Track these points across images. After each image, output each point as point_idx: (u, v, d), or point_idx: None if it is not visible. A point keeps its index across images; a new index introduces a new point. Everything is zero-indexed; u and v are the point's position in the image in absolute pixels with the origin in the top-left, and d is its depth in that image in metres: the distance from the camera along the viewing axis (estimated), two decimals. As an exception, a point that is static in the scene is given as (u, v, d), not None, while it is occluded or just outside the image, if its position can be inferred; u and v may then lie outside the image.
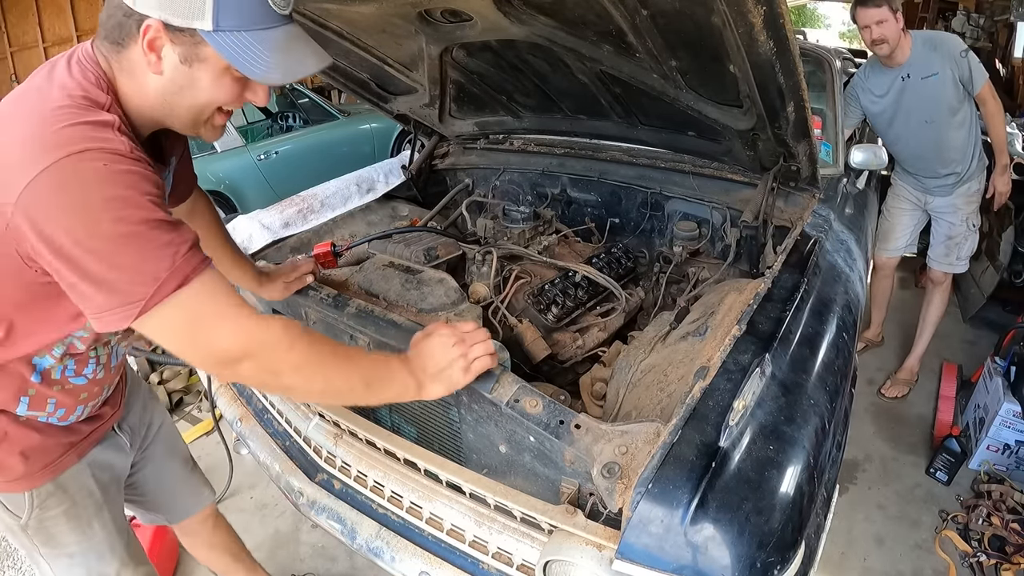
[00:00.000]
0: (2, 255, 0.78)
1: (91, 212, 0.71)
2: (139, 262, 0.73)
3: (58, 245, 0.71)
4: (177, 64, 0.79)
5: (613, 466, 0.92)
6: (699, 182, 1.93)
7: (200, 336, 0.79)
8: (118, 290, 0.73)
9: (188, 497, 1.41)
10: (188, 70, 0.80)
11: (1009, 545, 1.96)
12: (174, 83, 0.81)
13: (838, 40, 19.18)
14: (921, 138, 2.41)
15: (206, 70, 0.80)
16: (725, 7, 1.10)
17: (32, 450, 0.96)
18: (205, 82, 0.81)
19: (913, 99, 2.34)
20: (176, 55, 0.78)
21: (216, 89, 0.82)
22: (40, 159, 0.70)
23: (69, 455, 1.02)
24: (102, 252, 0.72)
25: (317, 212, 2.18)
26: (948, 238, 2.60)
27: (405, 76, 2.04)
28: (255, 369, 0.83)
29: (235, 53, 0.78)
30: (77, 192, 0.71)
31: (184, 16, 0.75)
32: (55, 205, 0.71)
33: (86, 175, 0.72)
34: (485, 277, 1.64)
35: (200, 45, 0.78)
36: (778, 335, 1.17)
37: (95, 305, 0.74)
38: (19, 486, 0.98)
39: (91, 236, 0.71)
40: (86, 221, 0.71)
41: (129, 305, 0.73)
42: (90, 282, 0.73)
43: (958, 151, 2.41)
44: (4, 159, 0.73)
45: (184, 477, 1.40)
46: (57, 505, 1.02)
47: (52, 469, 1.00)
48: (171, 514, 1.41)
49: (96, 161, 0.72)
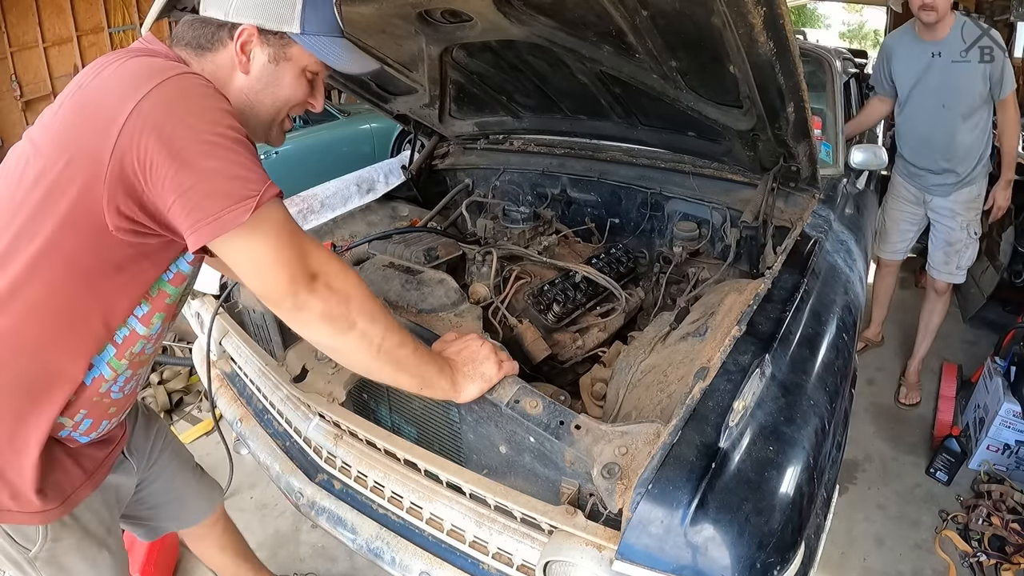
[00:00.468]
0: (82, 228, 0.81)
1: (207, 112, 0.79)
2: (251, 163, 0.80)
3: (179, 146, 0.76)
4: (265, 63, 0.92)
5: (613, 467, 0.92)
6: (699, 182, 1.93)
7: (289, 246, 0.82)
8: (232, 189, 0.77)
9: (200, 502, 1.40)
10: (275, 68, 0.93)
11: (1009, 545, 1.96)
12: (260, 80, 0.93)
13: (838, 40, 19.21)
14: (933, 122, 2.36)
15: (289, 68, 0.94)
16: (725, 8, 1.10)
17: (50, 485, 0.93)
18: (287, 79, 0.94)
19: (937, 79, 2.28)
20: (265, 55, 0.92)
21: (295, 87, 0.96)
22: (147, 83, 0.78)
23: (85, 487, 0.99)
24: (221, 148, 0.77)
25: (317, 212, 2.18)
26: (947, 244, 2.55)
27: (405, 76, 2.04)
28: (328, 299, 0.84)
29: (318, 48, 0.93)
30: (192, 98, 0.79)
31: (276, 22, 0.89)
32: (174, 106, 0.77)
33: (195, 88, 0.80)
34: (485, 277, 1.64)
35: (288, 46, 0.92)
36: (778, 336, 1.17)
37: (207, 208, 0.76)
38: (35, 519, 0.93)
39: (211, 132, 0.77)
40: (204, 119, 0.78)
41: (246, 200, 0.77)
42: (207, 180, 0.76)
43: (964, 148, 2.37)
44: (104, 102, 0.79)
45: (194, 483, 1.38)
46: (69, 536, 0.98)
47: (70, 503, 0.96)
48: (181, 521, 1.39)
49: (199, 80, 0.82)
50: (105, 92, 0.80)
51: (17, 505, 0.90)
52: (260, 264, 0.82)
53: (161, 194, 0.78)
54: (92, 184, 0.79)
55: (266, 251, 0.81)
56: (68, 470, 0.96)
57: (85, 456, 0.99)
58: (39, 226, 0.81)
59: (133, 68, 0.82)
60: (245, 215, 0.77)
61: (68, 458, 0.96)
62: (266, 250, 0.81)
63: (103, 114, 0.78)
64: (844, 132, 2.20)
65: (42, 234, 0.81)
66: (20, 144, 0.89)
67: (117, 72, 0.82)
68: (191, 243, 0.79)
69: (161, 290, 0.95)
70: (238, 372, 1.72)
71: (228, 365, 1.79)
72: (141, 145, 0.76)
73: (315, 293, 0.84)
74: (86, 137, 0.79)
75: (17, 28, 6.59)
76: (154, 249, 0.89)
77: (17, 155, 0.87)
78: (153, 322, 0.96)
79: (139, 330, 0.94)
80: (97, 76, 0.83)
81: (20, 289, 0.83)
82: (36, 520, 0.93)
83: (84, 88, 0.83)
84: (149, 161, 0.76)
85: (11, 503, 0.89)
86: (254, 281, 0.84)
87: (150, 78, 0.78)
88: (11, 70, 6.55)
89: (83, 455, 0.99)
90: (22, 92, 6.63)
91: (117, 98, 0.78)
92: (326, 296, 0.85)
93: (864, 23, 21.77)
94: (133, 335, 0.94)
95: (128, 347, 0.94)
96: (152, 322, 0.95)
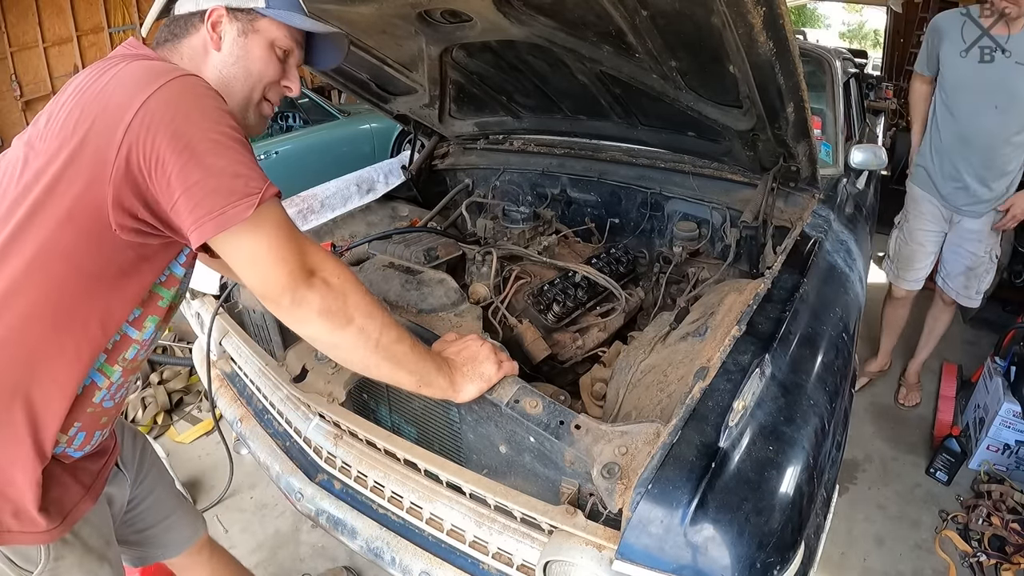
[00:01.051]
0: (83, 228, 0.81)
1: (211, 112, 0.81)
2: (252, 162, 0.82)
3: (185, 141, 0.77)
4: (235, 38, 0.96)
5: (613, 466, 0.92)
6: (699, 182, 1.93)
7: (288, 243, 0.84)
8: (235, 186, 0.79)
9: (185, 528, 1.35)
10: (244, 41, 0.96)
11: (1009, 545, 1.96)
12: (231, 55, 0.96)
13: (838, 40, 19.22)
14: (978, 122, 2.10)
15: (258, 41, 0.97)
16: (725, 8, 1.10)
17: (51, 502, 0.90)
18: (257, 52, 0.97)
19: (996, 76, 2.04)
20: (234, 30, 0.95)
21: (266, 62, 0.98)
22: (153, 83, 0.80)
23: (85, 501, 0.97)
24: (224, 146, 0.79)
25: (317, 212, 2.18)
26: (969, 269, 2.34)
27: (405, 76, 2.04)
28: (325, 295, 0.86)
29: (283, 16, 0.97)
30: (196, 98, 0.81)
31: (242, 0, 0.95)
32: (180, 105, 0.79)
33: (199, 88, 0.83)
34: (485, 277, 1.64)
35: (255, 20, 0.96)
36: (778, 335, 1.17)
37: (211, 204, 0.77)
38: (40, 539, 0.90)
39: (215, 130, 0.80)
40: (209, 117, 0.80)
41: (248, 197, 0.79)
42: (212, 176, 0.78)
43: (1004, 162, 2.13)
44: (109, 102, 0.80)
45: (178, 506, 1.34)
46: (71, 554, 0.96)
47: (71, 520, 0.94)
48: (169, 548, 1.34)
49: (201, 81, 0.85)
50: (109, 93, 0.81)
51: (20, 525, 0.87)
52: (260, 261, 0.82)
53: (166, 190, 0.78)
54: (97, 183, 0.79)
55: (267, 248, 0.82)
56: (67, 486, 0.94)
57: (81, 470, 0.98)
58: (37, 227, 0.81)
59: (136, 70, 0.83)
60: (248, 211, 0.78)
61: (65, 474, 0.94)
62: (266, 247, 0.82)
63: (108, 114, 0.79)
64: (914, 139, 2.07)
65: (41, 235, 0.81)
66: (11, 151, 0.88)
67: (120, 74, 0.83)
68: (194, 239, 0.79)
69: (154, 293, 0.95)
70: (238, 372, 1.72)
71: (228, 365, 1.79)
72: (148, 142, 0.77)
73: (313, 289, 0.85)
74: (90, 137, 0.79)
75: (17, 28, 6.59)
76: (154, 251, 0.89)
77: (8, 161, 0.86)
78: (146, 326, 0.95)
79: (132, 334, 0.94)
80: (98, 79, 0.83)
81: (16, 294, 0.81)
82: (41, 540, 0.90)
83: (85, 90, 0.83)
84: (155, 157, 0.77)
85: (13, 522, 0.87)
86: (253, 278, 0.84)
87: (155, 79, 0.80)
88: (11, 70, 6.55)
89: (79, 469, 0.97)
90: (22, 92, 6.63)
91: (123, 98, 0.79)
92: (324, 292, 0.86)
93: (864, 23, 21.78)
94: (125, 340, 0.93)
95: (120, 352, 0.93)
96: (145, 326, 0.95)
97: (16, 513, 0.87)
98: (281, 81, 1.02)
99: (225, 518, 2.16)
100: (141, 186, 0.80)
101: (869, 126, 3.01)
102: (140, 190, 0.80)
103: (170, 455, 2.44)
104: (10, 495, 0.86)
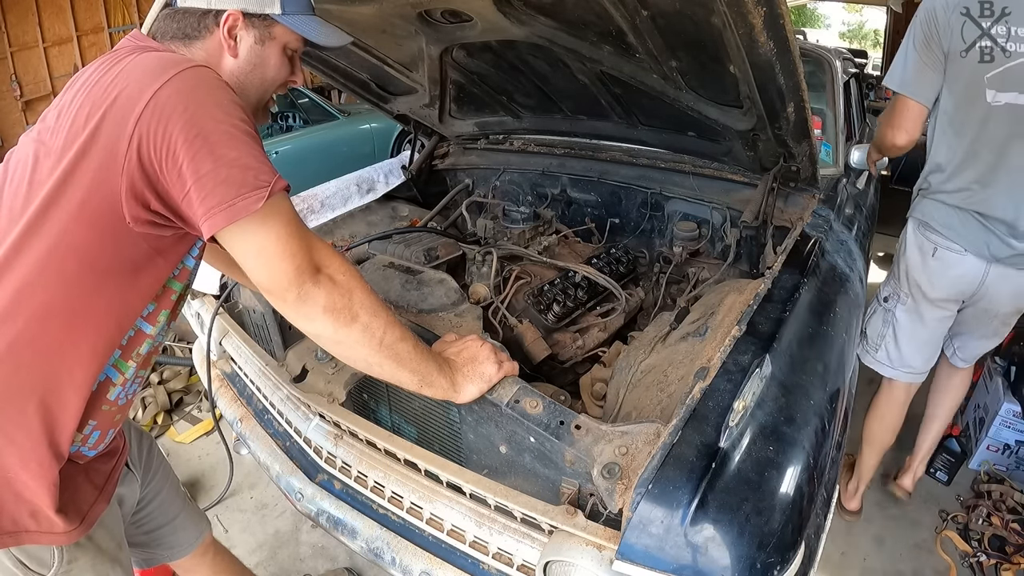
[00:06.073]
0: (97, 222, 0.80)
1: (224, 103, 0.81)
2: (262, 154, 0.82)
3: (197, 130, 0.77)
4: (252, 45, 0.96)
5: (613, 467, 0.92)
6: (699, 182, 1.93)
7: (296, 238, 0.84)
8: (246, 177, 0.79)
9: (192, 528, 1.36)
10: (261, 49, 0.97)
11: (1009, 545, 1.96)
12: (248, 62, 0.97)
13: (838, 40, 19.22)
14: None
15: (274, 48, 0.98)
16: (725, 8, 1.10)
17: (67, 503, 0.90)
18: (273, 59, 0.99)
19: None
20: (251, 37, 0.96)
21: (280, 66, 1.01)
22: (164, 74, 0.79)
23: (99, 502, 0.97)
24: (235, 138, 0.79)
25: (317, 212, 2.18)
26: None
27: (405, 76, 2.04)
28: (331, 291, 0.86)
29: (299, 25, 0.99)
30: (209, 89, 0.81)
31: (259, 5, 0.94)
32: (192, 96, 0.79)
33: (211, 79, 0.83)
34: (485, 277, 1.64)
35: (271, 27, 0.97)
36: (778, 335, 1.17)
37: (222, 195, 0.77)
38: (59, 539, 0.89)
39: (227, 121, 0.79)
40: (221, 108, 0.80)
41: (258, 189, 0.79)
42: (223, 167, 0.78)
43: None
44: (121, 94, 0.79)
45: (184, 507, 1.35)
46: (84, 555, 0.95)
47: (88, 521, 0.94)
48: (176, 549, 1.34)
49: (212, 73, 0.84)
50: (119, 85, 0.80)
51: (38, 525, 0.86)
52: (267, 254, 0.82)
53: (177, 180, 0.78)
54: (109, 175, 0.79)
55: (275, 242, 0.82)
56: (81, 486, 0.94)
57: (94, 471, 0.98)
58: (51, 223, 0.80)
59: (146, 61, 0.83)
60: (258, 203, 0.78)
61: (79, 474, 0.93)
62: (274, 241, 0.82)
63: (119, 105, 0.78)
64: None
65: (54, 231, 0.80)
66: (20, 148, 0.88)
67: (130, 66, 0.82)
68: (205, 230, 0.79)
69: (168, 287, 0.95)
70: (238, 372, 1.72)
71: (228, 365, 1.79)
72: (160, 132, 0.76)
73: (319, 285, 0.85)
74: (101, 130, 0.79)
75: (17, 28, 6.59)
76: (168, 244, 0.88)
77: (18, 158, 0.86)
78: (159, 320, 0.95)
79: (146, 329, 0.93)
80: (107, 72, 0.83)
81: (30, 293, 0.80)
82: (61, 541, 0.89)
83: (95, 84, 0.82)
84: (167, 147, 0.77)
85: (32, 523, 0.86)
86: (260, 272, 0.83)
87: (166, 70, 0.80)
88: (11, 70, 6.55)
89: (92, 469, 0.97)
90: (22, 92, 6.64)
91: (134, 89, 0.78)
92: (330, 288, 0.86)
93: (864, 23, 21.80)
94: (139, 335, 0.93)
95: (135, 347, 0.93)
96: (158, 320, 0.95)
97: (34, 514, 0.86)
98: (289, 78, 1.04)
99: (225, 518, 2.16)
100: (153, 177, 0.79)
101: (869, 126, 3.01)
102: (152, 181, 0.80)
103: (170, 455, 2.44)
104: (27, 496, 0.85)
